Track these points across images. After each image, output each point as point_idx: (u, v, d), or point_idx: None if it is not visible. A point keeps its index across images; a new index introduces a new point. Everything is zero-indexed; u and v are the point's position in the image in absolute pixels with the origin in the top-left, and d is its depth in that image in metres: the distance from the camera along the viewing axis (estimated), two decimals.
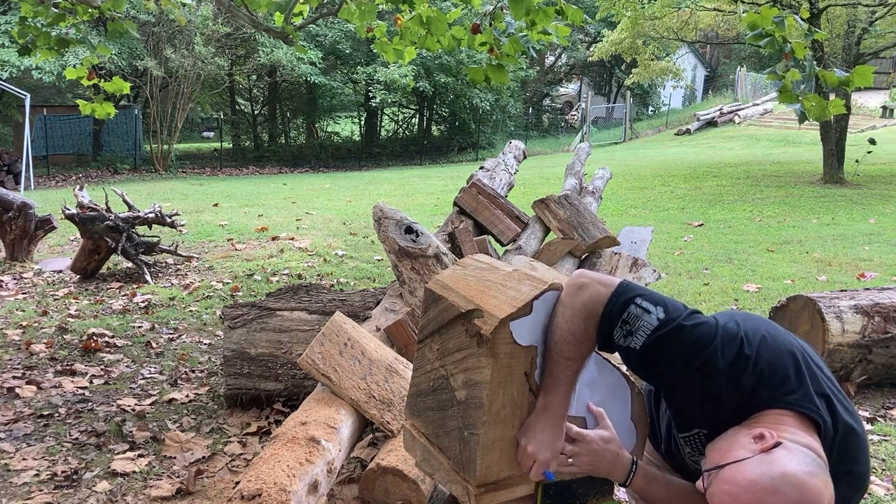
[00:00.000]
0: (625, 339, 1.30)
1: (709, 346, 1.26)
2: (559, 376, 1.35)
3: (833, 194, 10.86)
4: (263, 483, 1.84)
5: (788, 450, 1.16)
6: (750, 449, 1.18)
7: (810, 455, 1.17)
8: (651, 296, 1.31)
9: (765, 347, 1.28)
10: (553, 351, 1.35)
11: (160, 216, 6.12)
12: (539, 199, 4.29)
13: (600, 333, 1.32)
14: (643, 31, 14.34)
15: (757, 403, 1.25)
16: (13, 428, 3.10)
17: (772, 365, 1.26)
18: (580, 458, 1.39)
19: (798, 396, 1.25)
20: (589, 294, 1.32)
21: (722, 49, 32.88)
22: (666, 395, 1.39)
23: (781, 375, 1.26)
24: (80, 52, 11.50)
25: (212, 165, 19.32)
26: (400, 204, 10.37)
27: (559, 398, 1.36)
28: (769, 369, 1.26)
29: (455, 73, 19.74)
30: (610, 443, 1.40)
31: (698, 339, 1.27)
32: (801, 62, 3.36)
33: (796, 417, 1.23)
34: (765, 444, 1.17)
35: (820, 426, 1.24)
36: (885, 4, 11.52)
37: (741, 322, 1.33)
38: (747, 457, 1.17)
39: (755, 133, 21.65)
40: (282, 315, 3.34)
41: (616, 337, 1.31)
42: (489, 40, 4.21)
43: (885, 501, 2.66)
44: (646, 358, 1.29)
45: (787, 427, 1.21)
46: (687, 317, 1.29)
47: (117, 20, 4.43)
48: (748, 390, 1.25)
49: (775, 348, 1.29)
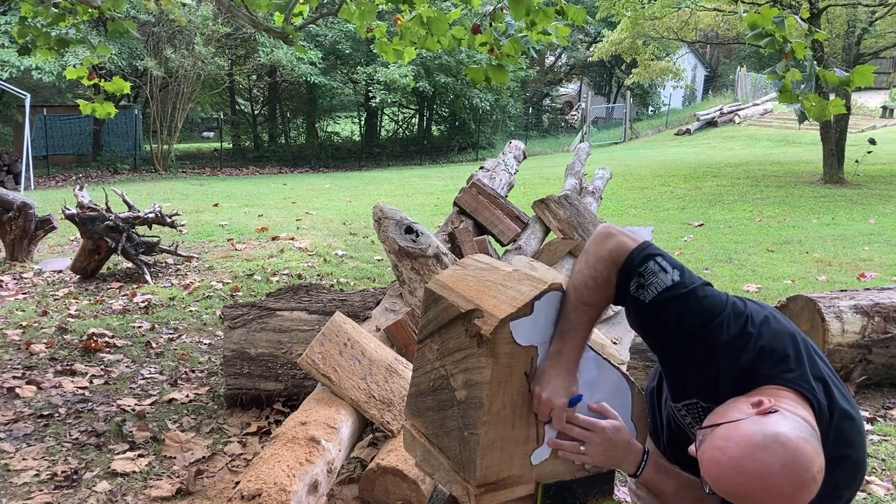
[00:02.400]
0: (637, 291, 1.32)
1: (716, 318, 1.28)
2: (575, 322, 1.37)
3: (833, 194, 10.86)
4: (263, 483, 1.84)
5: (784, 416, 1.18)
6: (746, 412, 1.19)
7: (806, 425, 1.18)
8: (671, 259, 1.33)
9: (767, 328, 1.30)
10: (571, 296, 1.37)
11: (160, 216, 6.12)
12: (539, 199, 4.28)
13: (619, 281, 1.34)
14: (643, 31, 14.34)
15: (755, 379, 1.27)
16: (13, 428, 3.10)
17: (772, 344, 1.28)
18: (593, 448, 1.40)
19: (796, 375, 1.26)
20: (614, 242, 1.35)
21: (722, 49, 32.88)
22: (662, 357, 1.39)
23: (781, 355, 1.28)
24: (80, 52, 11.49)
25: (212, 165, 19.31)
26: (400, 204, 10.36)
27: (573, 344, 1.37)
28: (769, 348, 1.28)
29: (455, 73, 19.73)
30: (621, 431, 1.41)
31: (707, 309, 1.29)
32: (801, 62, 3.36)
33: (794, 395, 1.25)
34: (762, 408, 1.19)
35: (815, 407, 1.25)
36: (885, 4, 11.52)
37: (748, 303, 1.36)
38: (743, 418, 1.18)
39: (755, 133, 21.64)
40: (282, 315, 3.34)
41: (631, 287, 1.33)
42: (489, 40, 4.20)
43: (886, 501, 2.66)
44: (652, 314, 1.31)
45: (785, 400, 1.22)
46: (700, 286, 1.31)
47: (117, 20, 4.43)
48: (747, 366, 1.27)
49: (777, 330, 1.31)
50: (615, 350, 2.76)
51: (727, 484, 1.16)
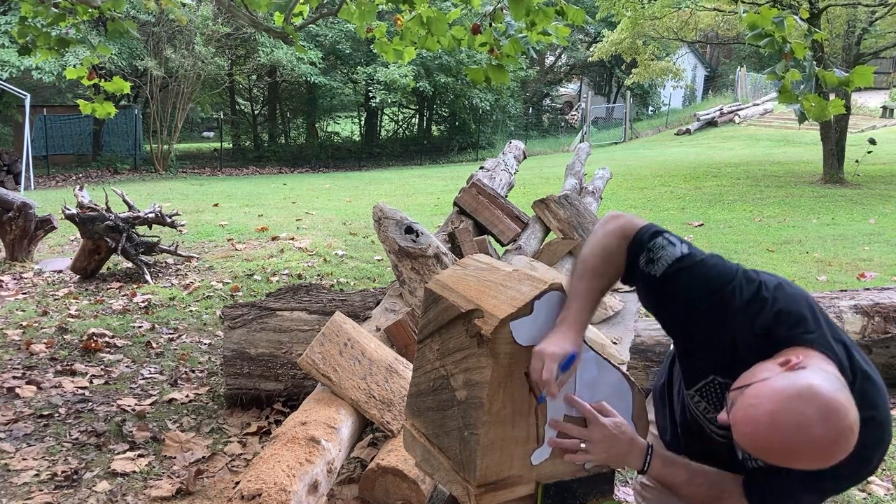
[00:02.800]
0: (646, 266, 1.34)
1: (727, 285, 1.29)
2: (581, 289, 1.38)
3: (833, 194, 10.86)
4: (263, 483, 1.84)
5: (814, 370, 1.16)
6: (775, 371, 1.18)
7: (837, 377, 1.17)
8: (679, 237, 1.38)
9: (782, 292, 1.30)
10: (579, 267, 1.41)
11: (160, 216, 6.12)
12: (539, 199, 4.28)
13: (629, 256, 1.37)
14: (643, 31, 14.34)
15: (775, 342, 1.25)
16: (13, 428, 3.10)
17: (789, 307, 1.28)
18: (595, 446, 1.39)
19: (815, 336, 1.25)
20: (625, 220, 1.41)
21: (722, 49, 32.88)
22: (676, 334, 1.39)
23: (798, 316, 1.27)
24: (80, 52, 11.49)
25: (212, 165, 19.30)
26: (400, 204, 10.36)
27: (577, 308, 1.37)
28: (786, 311, 1.27)
29: (455, 73, 19.72)
30: (622, 428, 1.40)
31: (718, 276, 1.30)
32: (800, 62, 3.36)
33: (818, 353, 1.23)
34: (790, 365, 1.17)
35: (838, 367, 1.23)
36: (885, 4, 11.52)
37: (759, 272, 1.36)
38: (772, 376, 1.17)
39: (755, 133, 21.64)
40: (282, 315, 3.34)
41: (640, 262, 1.35)
42: (489, 41, 4.21)
43: (886, 501, 2.66)
44: (663, 287, 1.33)
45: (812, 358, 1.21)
46: (709, 256, 1.34)
47: (117, 20, 4.43)
48: (765, 330, 1.26)
49: (792, 294, 1.31)
50: (615, 350, 2.76)
51: (764, 440, 1.14)
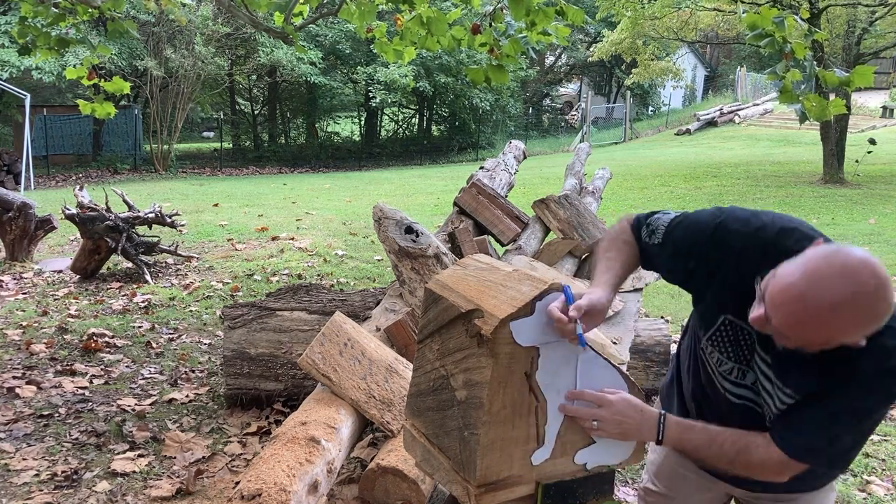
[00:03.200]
0: (650, 238, 1.49)
1: (718, 217, 1.39)
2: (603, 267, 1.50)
3: (833, 194, 10.87)
4: (263, 483, 1.84)
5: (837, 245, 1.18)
6: None
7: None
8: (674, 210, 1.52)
9: (779, 217, 1.37)
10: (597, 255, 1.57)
11: (160, 216, 6.12)
12: (539, 199, 4.29)
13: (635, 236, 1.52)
14: (643, 31, 14.34)
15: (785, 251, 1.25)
16: (13, 428, 3.10)
17: (791, 221, 1.35)
18: (607, 423, 1.38)
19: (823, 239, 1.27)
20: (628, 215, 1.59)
21: (722, 49, 32.88)
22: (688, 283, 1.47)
23: (803, 231, 1.31)
24: (80, 52, 11.48)
25: (212, 165, 19.30)
26: (400, 204, 10.36)
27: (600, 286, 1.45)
28: (789, 222, 1.34)
29: (455, 73, 19.72)
30: (630, 401, 1.40)
31: (709, 214, 1.42)
32: (801, 62, 3.36)
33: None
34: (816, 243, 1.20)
35: None
36: (885, 4, 11.53)
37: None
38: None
39: (755, 133, 21.64)
40: (282, 315, 3.34)
41: (643, 236, 1.51)
42: (489, 41, 4.21)
43: (886, 501, 2.66)
44: (664, 248, 1.46)
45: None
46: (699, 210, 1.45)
47: (117, 20, 4.43)
48: (771, 241, 1.31)
49: (789, 217, 1.37)
50: (615, 350, 2.76)
51: (808, 302, 1.11)
